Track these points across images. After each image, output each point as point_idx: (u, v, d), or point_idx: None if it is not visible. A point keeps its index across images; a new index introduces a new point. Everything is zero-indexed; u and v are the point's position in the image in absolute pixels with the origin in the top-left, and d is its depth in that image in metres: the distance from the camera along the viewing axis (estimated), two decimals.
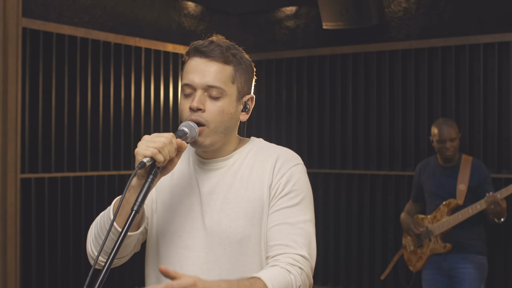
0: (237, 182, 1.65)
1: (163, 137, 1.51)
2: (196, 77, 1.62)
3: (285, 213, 1.60)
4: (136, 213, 1.45)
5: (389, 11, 5.03)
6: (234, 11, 5.66)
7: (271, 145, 1.73)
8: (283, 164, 1.64)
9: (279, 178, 1.62)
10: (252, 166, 1.67)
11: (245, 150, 1.71)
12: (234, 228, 1.61)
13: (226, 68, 1.63)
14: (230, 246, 1.61)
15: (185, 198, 1.69)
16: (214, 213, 1.63)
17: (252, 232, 1.61)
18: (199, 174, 1.69)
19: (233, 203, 1.63)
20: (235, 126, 1.69)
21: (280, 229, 1.59)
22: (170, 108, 5.05)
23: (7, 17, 3.90)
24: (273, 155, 1.67)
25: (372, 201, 5.09)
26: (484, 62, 4.65)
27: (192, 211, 1.67)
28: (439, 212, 4.01)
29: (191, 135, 1.60)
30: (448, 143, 3.97)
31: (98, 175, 4.51)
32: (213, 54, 1.63)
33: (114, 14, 4.68)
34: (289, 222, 1.59)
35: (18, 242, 3.99)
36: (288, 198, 1.62)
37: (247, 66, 1.68)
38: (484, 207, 3.82)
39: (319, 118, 5.37)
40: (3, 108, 3.91)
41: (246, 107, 1.69)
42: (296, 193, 1.62)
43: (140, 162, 1.47)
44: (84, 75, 4.42)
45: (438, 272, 4.04)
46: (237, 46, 1.70)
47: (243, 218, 1.61)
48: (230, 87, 1.63)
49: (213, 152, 1.68)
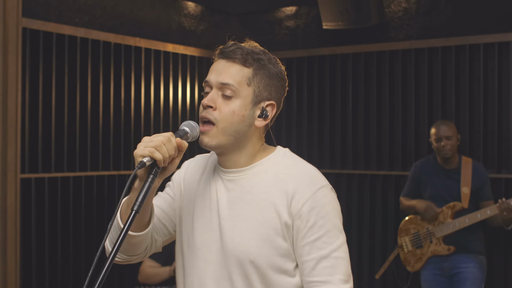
0: (254, 200, 1.61)
1: (161, 136, 1.50)
2: (213, 76, 1.61)
3: (317, 246, 1.55)
4: (136, 213, 1.44)
5: (389, 11, 5.03)
6: (234, 11, 5.66)
7: (295, 161, 1.66)
8: (305, 188, 1.57)
9: (302, 205, 1.56)
10: (271, 185, 1.60)
11: (266, 163, 1.65)
12: (246, 248, 1.58)
13: (244, 69, 1.60)
14: (241, 265, 1.59)
15: (207, 209, 1.66)
16: (229, 229, 1.61)
17: (263, 254, 1.57)
18: (219, 185, 1.66)
19: (247, 222, 1.60)
20: (248, 131, 1.62)
21: (315, 264, 1.55)
22: (170, 108, 5.05)
23: (7, 17, 3.90)
24: (295, 178, 1.59)
25: (372, 201, 5.09)
26: (484, 62, 4.65)
27: (211, 223, 1.64)
28: (442, 214, 4.00)
29: (192, 135, 1.59)
30: (444, 141, 3.99)
31: (98, 175, 4.51)
32: (233, 55, 1.61)
33: (114, 14, 4.68)
34: (322, 255, 1.55)
35: (18, 242, 3.99)
36: (316, 229, 1.56)
37: (271, 72, 1.63)
38: (496, 212, 3.81)
39: (319, 118, 5.37)
40: (3, 108, 3.90)
41: (264, 113, 1.63)
42: (323, 221, 1.56)
43: (139, 162, 1.46)
44: (84, 75, 4.42)
45: (439, 273, 4.04)
46: (269, 54, 1.67)
47: (255, 239, 1.58)
48: (244, 89, 1.59)
49: (231, 161, 1.64)
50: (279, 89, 1.66)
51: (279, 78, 1.65)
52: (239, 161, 1.64)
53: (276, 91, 1.65)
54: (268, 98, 1.63)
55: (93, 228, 4.47)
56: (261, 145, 1.68)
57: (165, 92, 5.03)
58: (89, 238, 4.44)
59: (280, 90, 1.67)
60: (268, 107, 1.64)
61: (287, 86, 1.70)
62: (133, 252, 1.67)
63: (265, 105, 1.63)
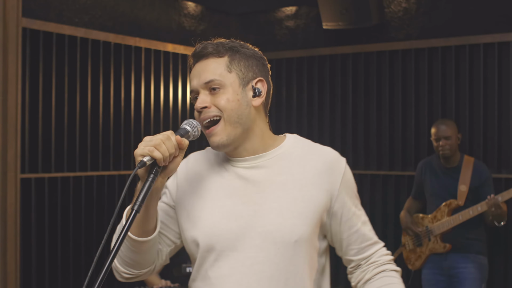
0: (289, 181, 1.61)
1: (161, 134, 1.50)
2: (195, 81, 1.63)
3: (358, 215, 1.69)
4: (136, 212, 1.42)
5: (389, 11, 5.03)
6: (234, 11, 5.66)
7: (310, 142, 1.74)
8: (338, 166, 1.66)
9: (340, 180, 1.64)
10: (304, 164, 1.64)
11: (287, 145, 1.69)
12: (289, 227, 1.56)
13: (219, 60, 1.62)
14: (284, 246, 1.56)
15: (227, 199, 1.62)
16: (265, 212, 1.58)
17: (307, 233, 1.58)
18: (239, 174, 1.64)
19: (287, 202, 1.59)
20: (250, 114, 1.62)
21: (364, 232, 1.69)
22: (170, 108, 5.05)
23: (7, 17, 3.90)
24: (325, 154, 1.68)
25: (372, 201, 5.09)
26: (484, 62, 4.65)
27: (239, 211, 1.60)
28: (439, 212, 4.02)
29: (193, 133, 1.59)
30: (443, 141, 4.00)
31: (98, 175, 4.51)
32: (205, 51, 1.63)
33: (114, 14, 4.68)
34: (364, 221, 1.70)
35: (18, 242, 3.99)
36: (354, 199, 1.69)
37: (247, 54, 1.65)
38: (485, 209, 3.83)
39: (319, 118, 5.37)
40: (3, 108, 3.90)
41: (256, 91, 1.64)
42: (355, 192, 1.70)
43: (139, 162, 1.45)
44: (84, 75, 4.42)
45: (439, 272, 4.04)
46: (238, 41, 1.68)
47: (298, 217, 1.57)
48: (228, 77, 1.60)
49: (247, 150, 1.64)
50: (261, 67, 1.67)
51: (257, 57, 1.67)
52: (253, 147, 1.65)
53: (260, 69, 1.66)
54: (254, 77, 1.64)
55: (93, 228, 4.47)
56: (269, 128, 1.70)
57: (165, 92, 5.03)
58: (89, 238, 4.44)
59: (262, 68, 1.68)
60: (258, 84, 1.65)
61: (268, 64, 1.71)
62: (142, 265, 1.64)
63: (254, 84, 1.64)
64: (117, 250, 1.38)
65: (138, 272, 1.65)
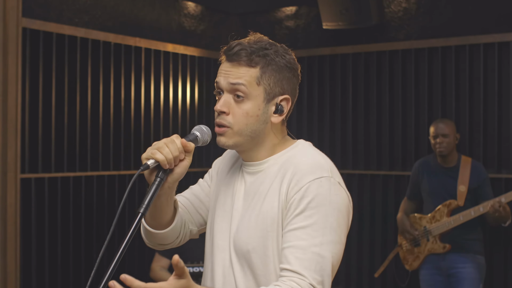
0: (260, 191, 1.61)
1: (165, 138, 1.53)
2: (222, 78, 1.60)
3: (298, 235, 1.47)
4: (142, 215, 1.45)
5: (389, 11, 5.03)
6: (234, 11, 5.66)
7: (307, 152, 1.63)
8: (301, 177, 1.53)
9: (294, 193, 1.52)
10: (276, 176, 1.59)
11: (280, 156, 1.64)
12: (244, 238, 1.58)
13: (250, 70, 1.57)
14: (241, 255, 1.60)
15: (228, 199, 1.69)
16: (236, 220, 1.63)
17: (260, 245, 1.56)
18: (241, 177, 1.69)
19: (251, 212, 1.60)
20: (265, 129, 1.61)
21: (290, 253, 1.46)
22: (170, 108, 5.05)
23: (7, 17, 3.90)
24: (296, 166, 1.56)
25: (372, 201, 5.09)
26: (484, 62, 4.65)
27: (227, 213, 1.67)
28: (438, 212, 4.01)
29: (203, 139, 1.61)
30: (440, 138, 4.00)
31: (98, 175, 4.51)
32: (237, 58, 1.58)
33: (114, 14, 4.68)
34: (300, 246, 1.46)
35: (18, 242, 3.99)
36: (303, 217, 1.49)
37: (280, 66, 1.59)
38: (487, 210, 3.82)
39: (319, 118, 5.37)
40: (3, 108, 3.90)
41: (279, 108, 1.60)
42: (312, 212, 1.48)
43: (143, 164, 1.48)
44: (84, 75, 4.42)
45: (437, 272, 4.04)
46: (275, 45, 1.61)
47: (254, 229, 1.57)
48: (254, 88, 1.57)
49: (251, 156, 1.65)
50: (291, 79, 1.62)
51: (289, 68, 1.61)
52: (258, 155, 1.64)
53: (288, 83, 1.62)
54: (281, 93, 1.60)
55: (93, 228, 4.47)
56: (283, 137, 1.67)
57: (165, 92, 5.03)
58: (89, 238, 4.44)
59: (292, 80, 1.63)
60: (282, 102, 1.61)
61: (299, 73, 1.66)
62: (166, 241, 1.73)
63: (279, 101, 1.60)
64: (123, 250, 1.42)
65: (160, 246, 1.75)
